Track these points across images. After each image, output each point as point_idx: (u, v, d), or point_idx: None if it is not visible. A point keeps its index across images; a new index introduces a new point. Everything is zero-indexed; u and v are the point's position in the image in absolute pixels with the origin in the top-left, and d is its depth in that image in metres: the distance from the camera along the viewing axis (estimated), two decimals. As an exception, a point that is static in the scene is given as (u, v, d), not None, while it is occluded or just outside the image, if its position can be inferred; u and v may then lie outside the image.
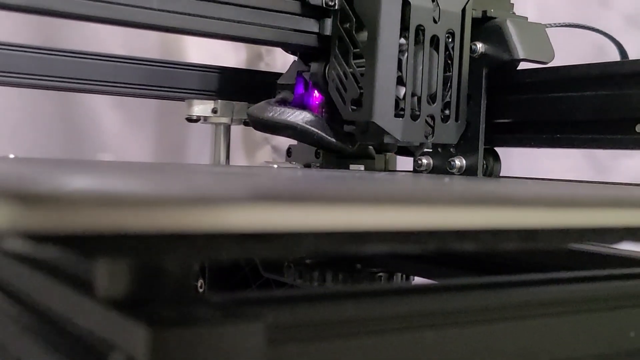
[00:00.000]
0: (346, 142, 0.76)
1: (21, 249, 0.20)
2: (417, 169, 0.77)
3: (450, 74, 0.73)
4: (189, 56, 1.12)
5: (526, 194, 0.33)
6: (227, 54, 1.17)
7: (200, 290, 0.88)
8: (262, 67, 1.16)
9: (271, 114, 0.76)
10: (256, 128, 0.80)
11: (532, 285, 0.34)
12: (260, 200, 0.21)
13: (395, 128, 0.71)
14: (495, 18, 0.74)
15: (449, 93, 0.73)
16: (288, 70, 0.82)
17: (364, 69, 0.71)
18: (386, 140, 0.71)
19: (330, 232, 0.22)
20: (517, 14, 0.79)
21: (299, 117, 0.75)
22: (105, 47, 0.98)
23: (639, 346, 0.34)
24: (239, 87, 0.88)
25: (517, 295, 0.32)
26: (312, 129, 0.75)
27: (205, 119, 0.87)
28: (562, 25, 0.82)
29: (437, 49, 0.72)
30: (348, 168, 0.81)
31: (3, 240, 0.19)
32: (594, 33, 0.95)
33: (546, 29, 0.78)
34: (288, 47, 0.84)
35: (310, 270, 0.75)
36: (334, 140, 0.76)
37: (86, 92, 0.86)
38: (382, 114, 0.70)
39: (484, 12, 0.74)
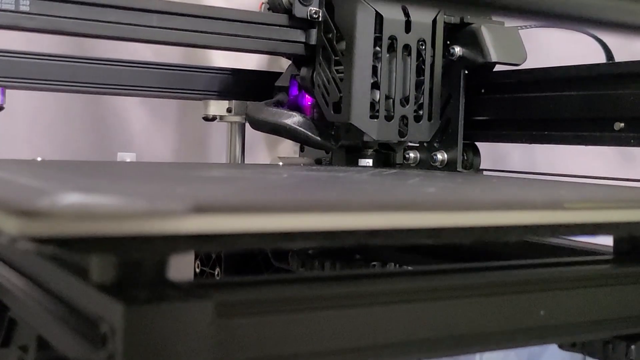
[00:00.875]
0: (330, 141, 0.84)
1: (30, 249, 0.28)
2: (405, 163, 0.84)
3: (423, 78, 0.80)
4: (213, 56, 1.17)
5: (432, 199, 0.40)
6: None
7: (217, 278, 0.95)
8: (283, 63, 1.21)
9: (265, 115, 0.85)
10: (252, 127, 0.88)
11: (463, 272, 0.41)
12: (197, 212, 0.28)
13: (371, 128, 0.79)
14: (471, 24, 0.81)
15: (422, 95, 0.80)
16: (284, 73, 0.90)
17: (343, 74, 0.79)
18: (365, 139, 0.79)
19: (258, 233, 0.30)
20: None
21: (288, 118, 0.83)
22: (133, 50, 1.04)
23: (547, 323, 0.41)
24: (252, 87, 0.95)
25: (446, 280, 0.39)
26: (300, 129, 0.83)
27: (221, 117, 0.94)
28: (537, 26, 0.88)
29: (410, 56, 0.80)
30: (357, 164, 0.88)
31: (16, 243, 0.27)
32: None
33: (530, 29, 0.84)
34: (279, 55, 0.91)
35: (311, 259, 0.82)
36: (319, 139, 0.84)
37: (114, 95, 0.94)
38: (359, 116, 0.78)
39: (462, 18, 0.81)
